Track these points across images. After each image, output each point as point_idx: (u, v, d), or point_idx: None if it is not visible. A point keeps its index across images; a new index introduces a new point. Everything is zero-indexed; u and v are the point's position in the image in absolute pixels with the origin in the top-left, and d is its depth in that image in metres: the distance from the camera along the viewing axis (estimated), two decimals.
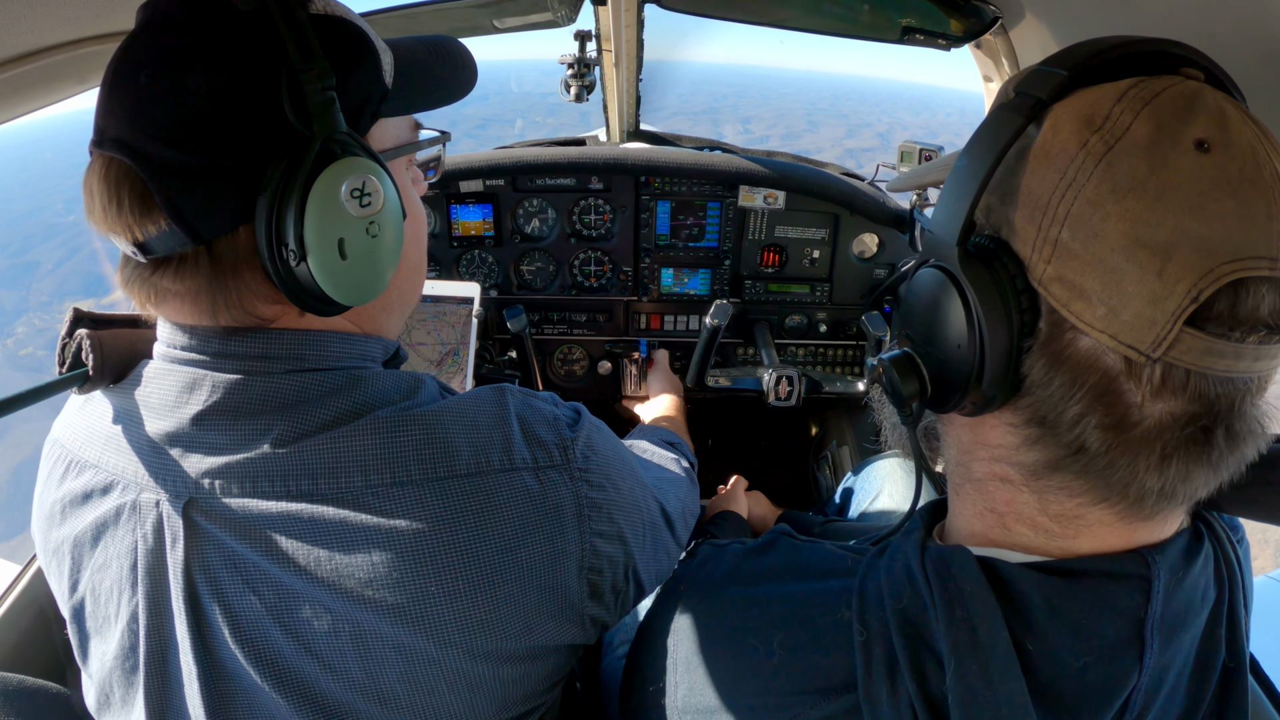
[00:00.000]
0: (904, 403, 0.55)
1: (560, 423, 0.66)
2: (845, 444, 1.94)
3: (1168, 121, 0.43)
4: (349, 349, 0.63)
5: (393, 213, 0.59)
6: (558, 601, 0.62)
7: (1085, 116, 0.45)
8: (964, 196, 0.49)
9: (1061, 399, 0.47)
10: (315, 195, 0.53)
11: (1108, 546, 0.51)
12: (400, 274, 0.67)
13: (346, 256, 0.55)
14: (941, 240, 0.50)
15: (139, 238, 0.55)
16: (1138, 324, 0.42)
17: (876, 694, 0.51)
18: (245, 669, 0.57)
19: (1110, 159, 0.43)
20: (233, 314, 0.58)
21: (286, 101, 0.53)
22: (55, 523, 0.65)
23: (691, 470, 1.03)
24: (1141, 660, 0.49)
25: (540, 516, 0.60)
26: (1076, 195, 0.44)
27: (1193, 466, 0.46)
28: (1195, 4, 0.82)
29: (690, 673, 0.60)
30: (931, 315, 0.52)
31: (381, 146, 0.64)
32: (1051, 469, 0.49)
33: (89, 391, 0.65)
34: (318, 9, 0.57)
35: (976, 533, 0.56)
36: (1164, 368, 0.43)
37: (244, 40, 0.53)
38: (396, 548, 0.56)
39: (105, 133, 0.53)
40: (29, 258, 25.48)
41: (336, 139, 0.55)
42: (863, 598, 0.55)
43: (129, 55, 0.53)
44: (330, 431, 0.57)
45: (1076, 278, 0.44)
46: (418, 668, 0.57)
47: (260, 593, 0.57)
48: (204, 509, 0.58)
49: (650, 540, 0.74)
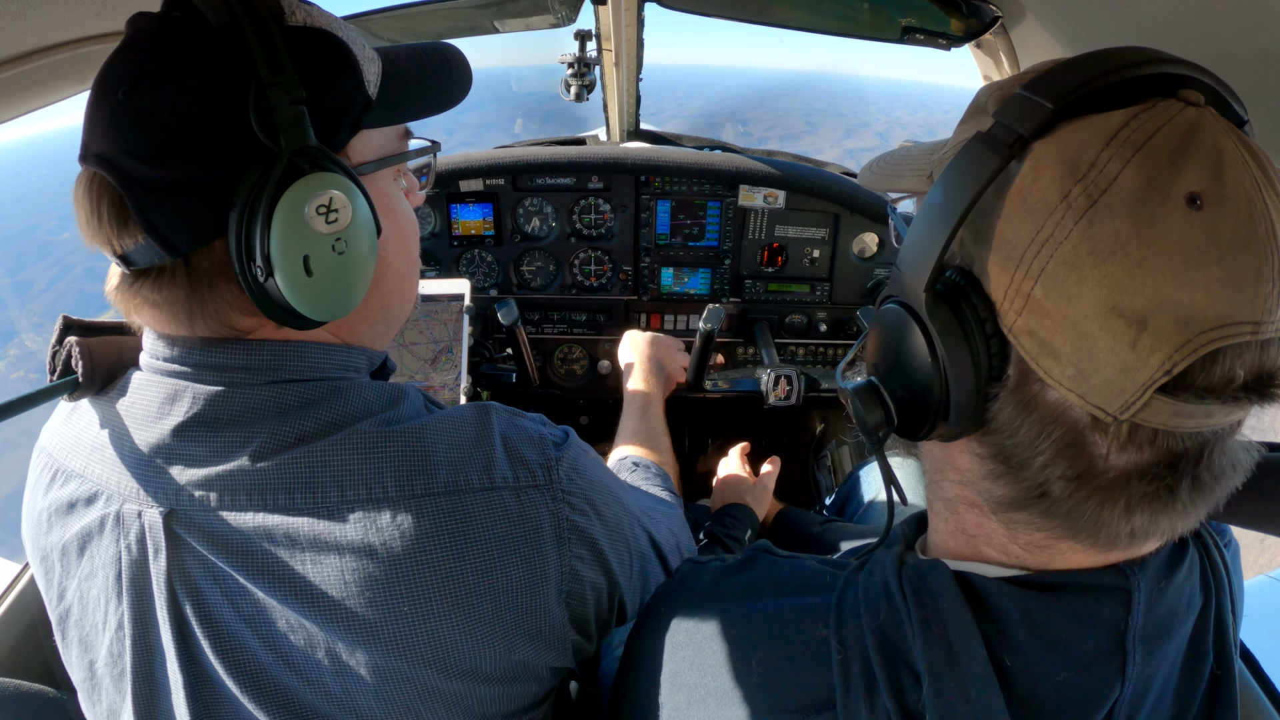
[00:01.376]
0: (869, 432, 0.54)
1: (546, 442, 0.65)
2: (845, 444, 1.94)
3: (1159, 171, 0.40)
4: (331, 360, 0.63)
5: (362, 228, 0.58)
6: (535, 624, 0.61)
7: (1069, 162, 0.42)
8: (934, 240, 0.46)
9: (1028, 445, 0.46)
10: (280, 212, 0.52)
11: (1085, 564, 0.50)
12: (384, 286, 0.66)
13: (312, 273, 0.54)
14: (909, 280, 0.48)
15: (119, 250, 0.55)
16: (1106, 390, 0.41)
17: (855, 711, 0.50)
18: (226, 679, 0.57)
19: (1092, 216, 0.41)
20: (209, 325, 0.58)
21: (253, 116, 0.52)
22: (43, 531, 0.65)
23: (676, 498, 1.03)
24: (1124, 671, 0.49)
25: (518, 537, 0.60)
26: (1053, 254, 0.41)
27: (1159, 515, 0.45)
28: (1196, 5, 0.82)
29: (674, 692, 0.60)
30: (897, 352, 0.50)
31: (363, 158, 0.63)
32: (1016, 506, 0.49)
33: (79, 399, 0.65)
34: (296, 20, 0.57)
35: (951, 550, 0.56)
36: (1130, 426, 0.42)
37: (214, 56, 0.53)
38: (370, 565, 0.56)
39: (89, 147, 0.54)
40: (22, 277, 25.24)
41: (306, 153, 0.54)
42: (840, 614, 0.54)
43: (110, 71, 0.54)
44: (309, 445, 0.57)
45: (1047, 336, 0.42)
46: (391, 685, 0.57)
47: (238, 605, 0.57)
48: (184, 521, 0.58)
49: (638, 569, 0.73)
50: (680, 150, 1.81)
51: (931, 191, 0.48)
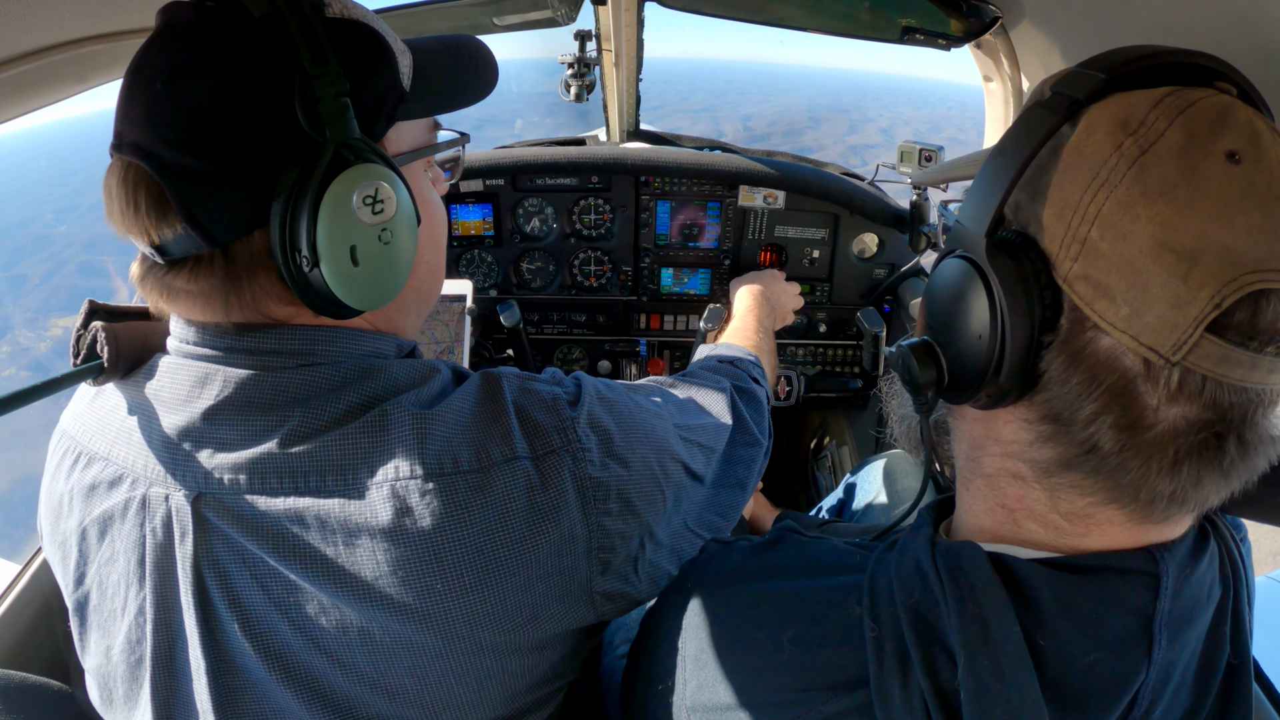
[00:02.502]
0: (919, 391, 0.55)
1: (560, 403, 0.65)
2: (845, 444, 1.94)
3: (1200, 131, 0.44)
4: (363, 345, 0.63)
5: (405, 218, 0.59)
6: (565, 585, 0.62)
7: (1120, 120, 0.46)
8: (995, 190, 0.49)
9: (1078, 397, 0.47)
10: (327, 202, 0.53)
11: (1117, 545, 0.51)
12: (417, 276, 0.67)
13: (359, 263, 0.56)
14: (970, 231, 0.51)
15: (156, 240, 0.55)
16: (1160, 326, 0.43)
17: (888, 689, 0.51)
18: (255, 663, 0.58)
19: (1144, 163, 0.44)
20: (246, 314, 0.58)
21: (299, 108, 0.53)
22: (63, 514, 0.65)
23: (743, 395, 0.94)
24: (1150, 656, 0.50)
25: (543, 505, 0.60)
26: (1108, 196, 0.44)
27: (1204, 472, 0.46)
28: (1195, 6, 0.82)
29: (699, 670, 0.60)
30: (954, 304, 0.52)
31: (398, 150, 0.64)
32: (1063, 467, 0.50)
33: (103, 384, 0.65)
34: (334, 12, 0.57)
35: (986, 528, 0.56)
36: (1181, 372, 0.44)
37: (257, 47, 0.53)
38: (402, 544, 0.56)
39: (123, 137, 0.54)
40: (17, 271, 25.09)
41: (350, 145, 0.55)
42: (873, 593, 0.55)
43: (146, 60, 0.54)
44: (340, 428, 0.57)
45: (1102, 277, 0.45)
46: (426, 662, 0.58)
47: (268, 588, 0.57)
48: (213, 504, 0.58)
49: (671, 504, 0.72)
50: (680, 150, 1.81)
51: (991, 153, 0.51)
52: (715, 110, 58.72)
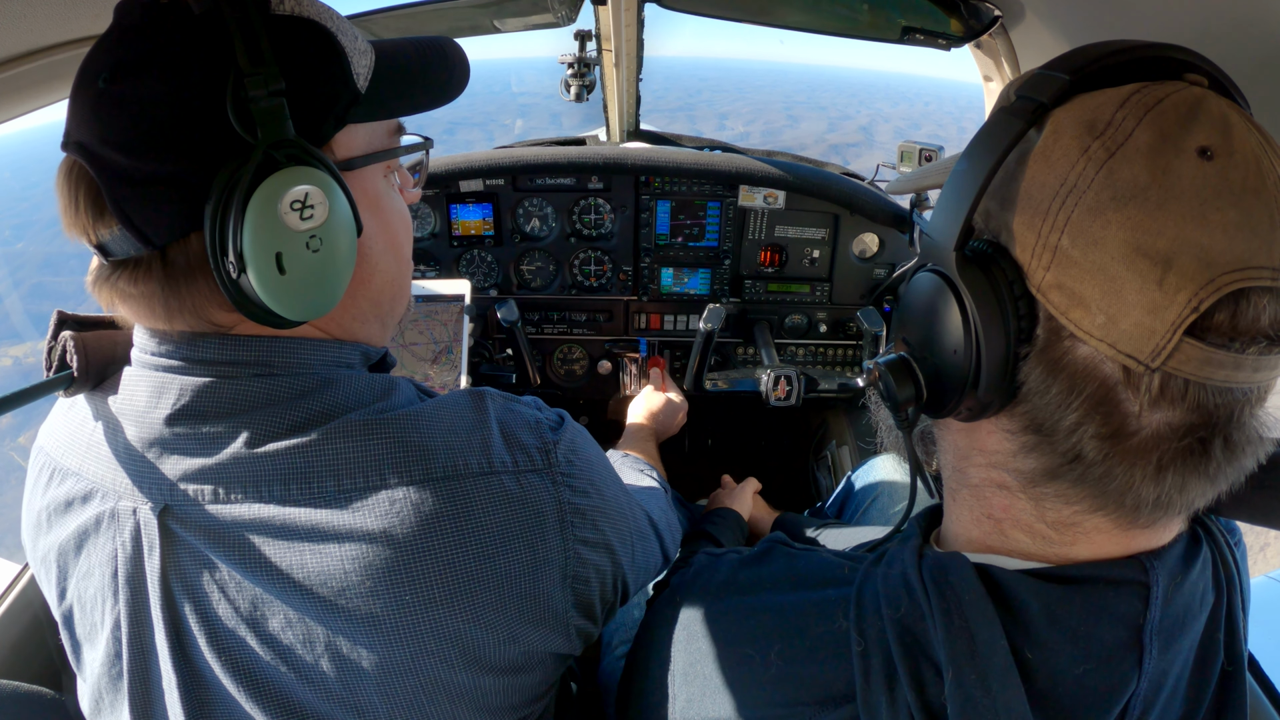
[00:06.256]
0: (899, 407, 0.55)
1: (543, 426, 0.64)
2: (845, 444, 1.95)
3: (1170, 128, 0.43)
4: (321, 355, 0.61)
5: (340, 226, 0.56)
6: (540, 609, 0.60)
7: (1087, 122, 0.45)
8: (963, 200, 0.48)
9: (1058, 407, 0.46)
10: (253, 206, 0.51)
11: (1106, 553, 0.51)
12: (372, 285, 0.64)
13: (285, 271, 0.53)
14: (939, 244, 0.50)
15: (94, 239, 0.54)
16: (1137, 333, 0.42)
17: (875, 704, 0.50)
18: (222, 678, 0.57)
19: (1112, 166, 0.43)
20: (188, 320, 0.57)
21: (230, 107, 0.51)
22: (42, 531, 0.64)
23: (663, 483, 1.06)
24: (1140, 665, 0.49)
25: (520, 521, 0.59)
26: (1077, 202, 0.43)
27: (1189, 477, 0.45)
28: (1193, 4, 0.83)
29: (688, 684, 0.60)
30: (928, 319, 0.51)
31: (349, 154, 0.60)
32: (1048, 477, 0.49)
33: (74, 394, 0.64)
34: (284, 10, 0.55)
35: (973, 539, 0.56)
36: (1162, 377, 0.43)
37: (194, 45, 0.51)
38: (370, 554, 0.55)
39: (70, 135, 0.53)
40: None
41: (283, 146, 0.52)
42: (860, 607, 0.54)
43: (92, 59, 0.52)
44: (302, 435, 0.56)
45: (1075, 285, 0.44)
46: (394, 678, 0.56)
47: (234, 600, 0.56)
48: (179, 516, 0.57)
49: (640, 549, 0.73)
50: (680, 150, 1.80)
51: (959, 160, 0.50)
52: (691, 110, 58.55)
